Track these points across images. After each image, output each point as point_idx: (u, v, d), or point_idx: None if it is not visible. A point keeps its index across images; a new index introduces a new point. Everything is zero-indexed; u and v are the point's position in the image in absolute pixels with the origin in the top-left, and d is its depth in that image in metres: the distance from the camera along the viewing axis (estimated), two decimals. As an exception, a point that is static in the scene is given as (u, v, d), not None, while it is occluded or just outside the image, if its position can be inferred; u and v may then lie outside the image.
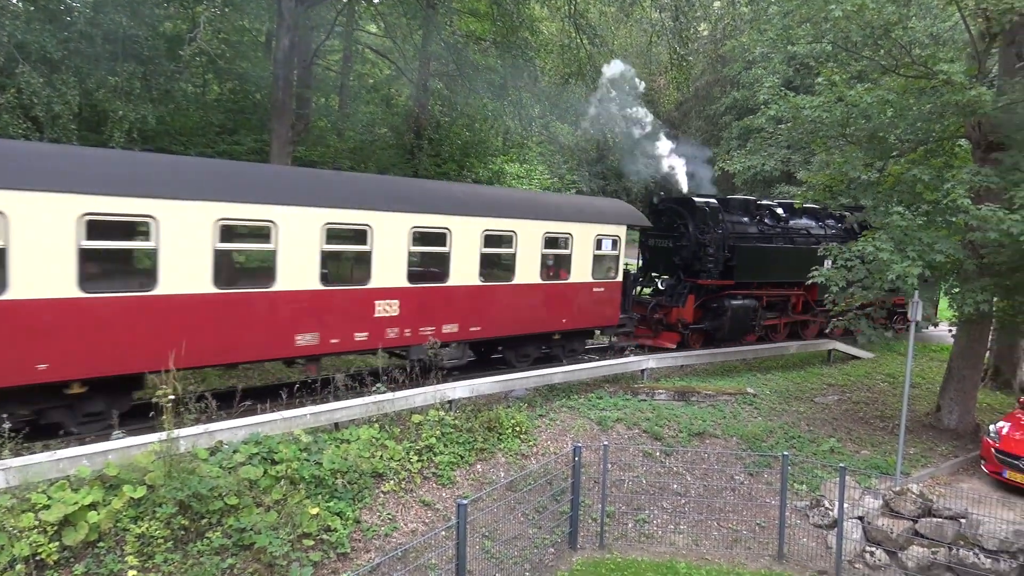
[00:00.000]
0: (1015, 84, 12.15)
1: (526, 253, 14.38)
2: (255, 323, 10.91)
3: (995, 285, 12.44)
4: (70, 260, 9.02)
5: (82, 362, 9.31)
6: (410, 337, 12.84)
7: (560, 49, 23.59)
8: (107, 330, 9.44)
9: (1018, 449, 11.75)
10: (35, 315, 8.85)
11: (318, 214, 11.29)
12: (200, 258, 10.16)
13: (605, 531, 11.30)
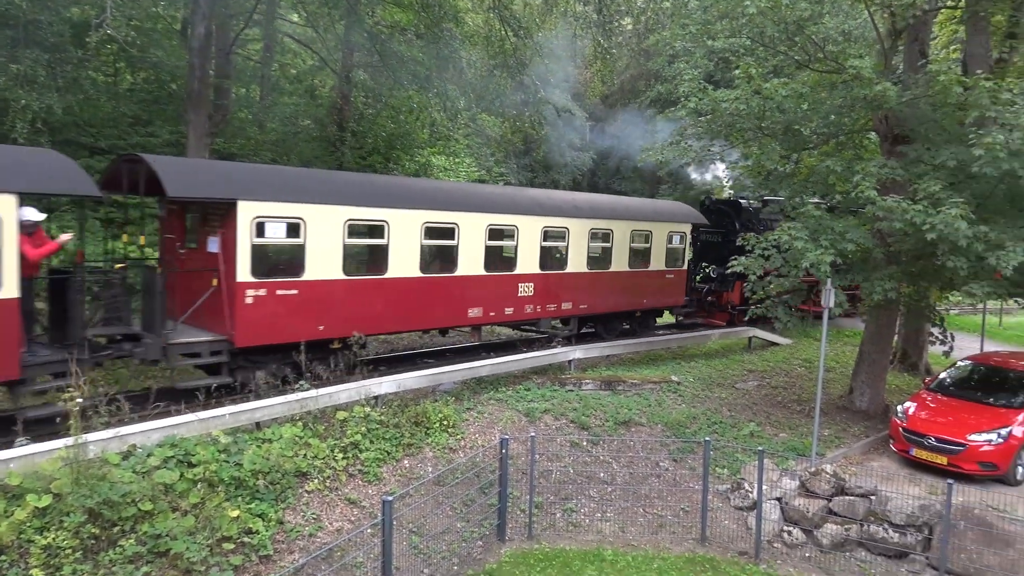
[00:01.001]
0: (918, 80, 12.71)
1: (620, 247, 18.04)
2: (445, 299, 14.64)
3: (901, 272, 13.00)
4: (338, 252, 12.65)
5: (343, 326, 12.81)
6: (540, 312, 16.43)
7: (485, 41, 23.48)
8: (360, 303, 13.17)
9: (923, 428, 12.33)
10: (320, 293, 12.53)
11: (486, 218, 15.09)
12: (412, 251, 13.81)
13: (533, 522, 11.36)
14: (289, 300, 12.12)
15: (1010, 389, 12.88)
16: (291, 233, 12.05)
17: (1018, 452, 11.81)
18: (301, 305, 12.28)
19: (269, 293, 11.85)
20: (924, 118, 12.79)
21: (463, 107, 24.83)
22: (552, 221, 16.44)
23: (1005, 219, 11.46)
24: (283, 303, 12.06)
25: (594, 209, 17.66)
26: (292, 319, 12.15)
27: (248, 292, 11.59)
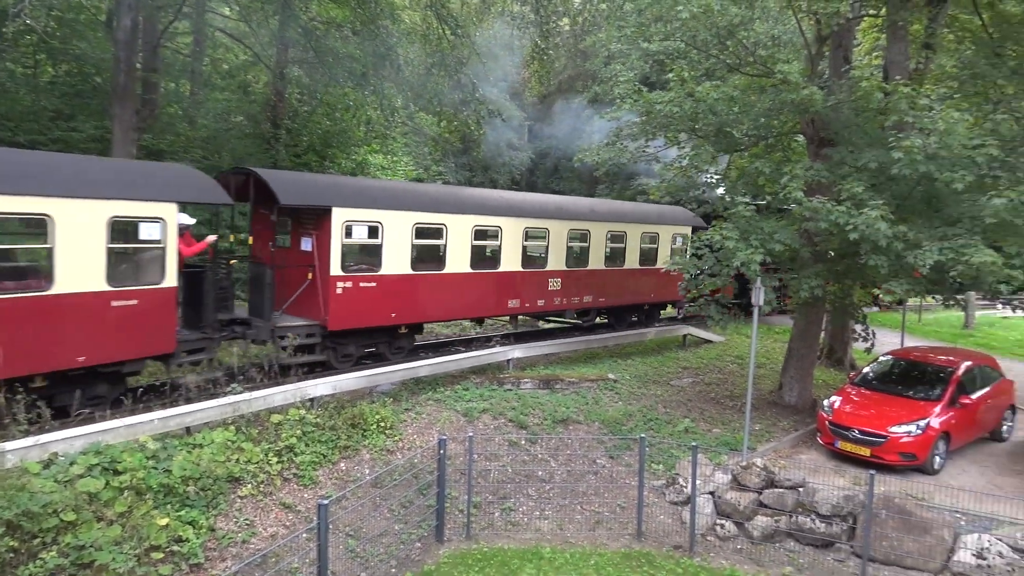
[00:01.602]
0: (842, 85, 13.16)
1: (632, 247, 19.90)
2: (490, 291, 16.64)
3: (827, 271, 13.45)
4: (407, 251, 14.75)
5: (410, 313, 15.06)
6: (566, 304, 18.42)
7: (422, 39, 23.33)
8: (423, 294, 15.17)
9: (848, 421, 12.78)
10: (393, 285, 14.57)
11: (523, 222, 17.19)
12: (464, 250, 15.93)
13: (472, 522, 11.36)
14: (369, 291, 14.33)
15: (928, 382, 13.46)
16: (371, 235, 14.25)
17: (935, 442, 12.35)
18: (379, 295, 14.49)
19: (354, 285, 14.03)
20: (848, 122, 13.25)
21: (400, 105, 24.63)
22: (576, 225, 18.44)
23: (922, 219, 11.98)
24: (365, 293, 14.25)
25: (611, 214, 19.64)
26: (371, 307, 14.42)
27: (339, 284, 13.79)
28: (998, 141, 11.44)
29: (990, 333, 26.34)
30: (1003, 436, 14.54)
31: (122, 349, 10.98)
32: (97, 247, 10.43)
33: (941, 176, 10.91)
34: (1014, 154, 11.96)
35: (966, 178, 10.74)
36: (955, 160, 11.03)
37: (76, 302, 10.24)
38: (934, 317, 28.01)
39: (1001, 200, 10.55)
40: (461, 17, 23.16)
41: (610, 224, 19.24)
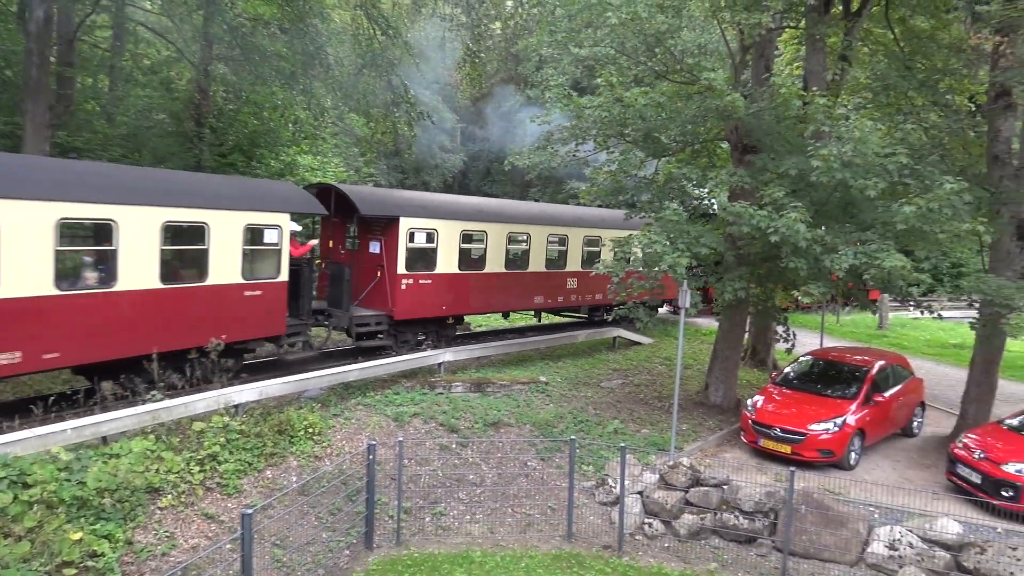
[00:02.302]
0: (763, 93, 13.56)
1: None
2: (520, 289, 19.08)
3: (750, 274, 13.84)
4: (456, 253, 17.28)
5: (457, 307, 17.68)
6: (581, 301, 20.45)
7: (353, 38, 23.01)
8: (468, 290, 17.68)
9: (770, 420, 13.16)
10: (445, 282, 17.16)
11: (548, 229, 19.69)
12: (501, 253, 18.58)
13: (402, 527, 11.27)
14: (426, 287, 16.84)
15: (844, 381, 13.98)
16: (428, 240, 16.78)
17: (851, 439, 12.83)
18: (433, 291, 17.00)
19: (415, 282, 16.53)
20: (769, 129, 13.67)
21: (330, 105, 24.24)
22: (591, 232, 21.08)
23: (838, 224, 12.45)
24: (423, 289, 16.76)
25: (619, 222, 20.53)
26: (428, 301, 16.98)
27: (403, 281, 16.31)
28: (907, 150, 11.98)
29: (902, 333, 27.59)
30: (914, 432, 15.22)
31: (251, 330, 13.69)
32: (236, 248, 13.09)
33: (855, 183, 11.37)
34: (922, 163, 12.55)
35: (878, 185, 11.22)
36: (868, 168, 11.50)
37: (222, 292, 12.93)
38: (851, 319, 29.17)
39: (911, 208, 11.05)
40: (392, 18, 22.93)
41: (618, 231, 19.69)
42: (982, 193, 13.25)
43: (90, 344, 11.06)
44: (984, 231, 11.48)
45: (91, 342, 11.05)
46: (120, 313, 11.37)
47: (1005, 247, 13.51)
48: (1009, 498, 10.94)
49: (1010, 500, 10.91)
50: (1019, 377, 21.23)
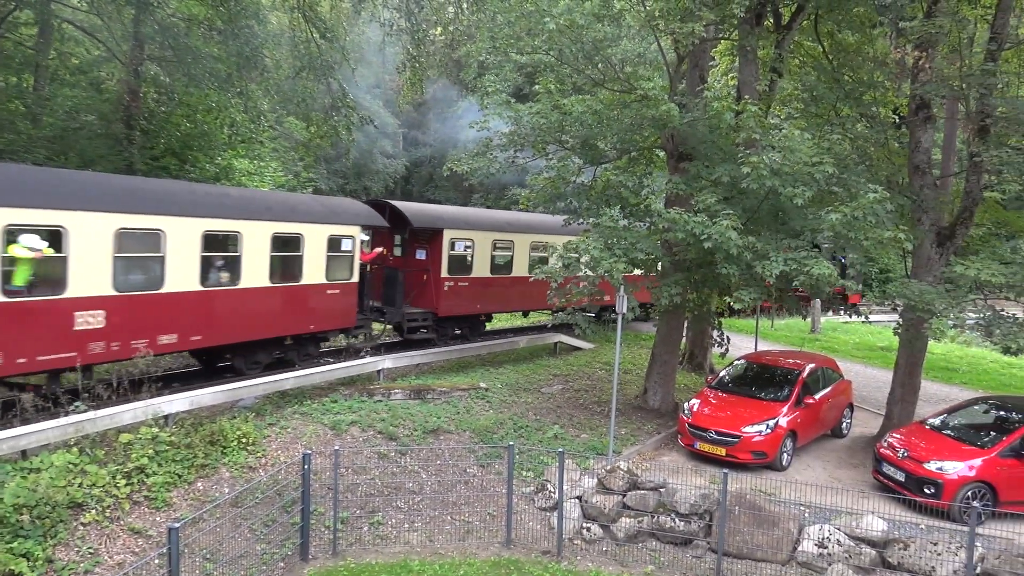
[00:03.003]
0: (697, 103, 13.84)
1: None
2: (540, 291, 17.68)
3: (686, 280, 14.08)
4: (488, 260, 20.11)
5: (487, 306, 20.52)
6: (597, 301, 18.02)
7: (291, 41, 22.66)
8: (497, 292, 20.17)
9: (706, 423, 13.40)
10: (479, 284, 19.87)
11: (562, 238, 19.46)
12: (524, 259, 21.14)
13: (339, 538, 11.09)
14: (464, 289, 19.53)
15: (777, 384, 14.33)
16: (466, 248, 19.56)
17: (783, 440, 13.15)
18: (470, 292, 19.67)
19: (455, 284, 19.26)
20: (703, 138, 13.95)
21: (268, 108, 23.80)
22: None
23: (769, 231, 12.76)
24: (461, 290, 19.46)
25: None
26: (466, 301, 19.71)
27: (446, 283, 19.04)
28: (834, 159, 12.38)
29: (833, 337, 28.41)
30: (843, 432, 15.69)
31: (331, 322, 16.30)
32: (321, 255, 15.73)
33: (784, 191, 11.68)
34: (848, 172, 12.98)
35: (806, 194, 11.55)
36: (797, 176, 11.83)
37: (311, 290, 15.59)
38: (785, 323, 29.92)
39: (837, 215, 11.41)
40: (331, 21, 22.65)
41: None
42: (904, 201, 13.78)
43: (222, 330, 13.87)
44: (905, 238, 11.91)
45: (223, 328, 13.88)
46: (243, 306, 14.17)
47: (926, 254, 14.06)
48: (931, 495, 11.37)
49: (932, 497, 11.33)
50: (941, 378, 22.10)
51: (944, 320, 11.77)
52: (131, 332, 12.11)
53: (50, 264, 11.05)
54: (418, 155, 49.25)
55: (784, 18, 16.91)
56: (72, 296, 11.25)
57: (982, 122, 13.41)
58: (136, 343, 12.18)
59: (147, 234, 12.34)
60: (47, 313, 11.00)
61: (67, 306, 11.20)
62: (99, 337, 11.63)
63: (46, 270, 11.08)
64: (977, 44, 15.86)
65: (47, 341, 10.99)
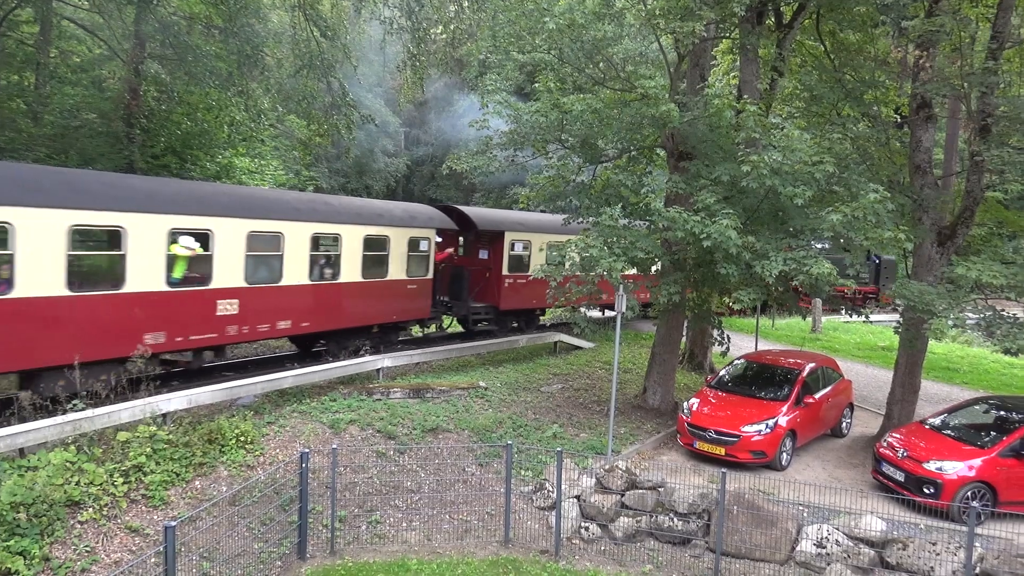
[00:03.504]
0: (698, 102, 13.81)
1: None
2: None
3: (685, 279, 14.05)
4: (542, 259, 20.47)
5: (539, 302, 21.59)
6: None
7: (291, 40, 22.65)
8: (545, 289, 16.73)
9: (705, 422, 13.38)
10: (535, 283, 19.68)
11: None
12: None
13: (337, 536, 11.07)
14: (521, 286, 21.28)
15: (777, 383, 14.30)
16: (524, 248, 21.62)
17: (783, 440, 13.13)
18: (526, 289, 21.26)
19: (514, 281, 21.10)
20: (704, 137, 13.93)
21: (268, 107, 23.80)
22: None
23: (769, 231, 12.73)
24: (520, 287, 21.22)
25: None
26: (522, 296, 21.50)
27: (506, 280, 20.98)
28: (834, 159, 12.34)
29: (834, 336, 28.39)
30: (843, 432, 15.66)
31: (410, 314, 18.51)
32: (403, 254, 17.81)
33: (784, 191, 11.64)
34: (849, 171, 12.94)
35: (806, 193, 11.52)
36: (797, 176, 11.80)
37: (395, 284, 17.63)
38: (786, 322, 29.89)
39: (837, 215, 11.38)
40: (331, 19, 22.65)
41: None
42: (905, 201, 13.74)
43: (325, 318, 16.06)
44: (905, 238, 11.88)
45: (326, 317, 16.07)
46: (341, 297, 16.36)
47: (926, 253, 14.02)
48: (930, 495, 11.34)
49: (931, 497, 11.31)
50: (941, 378, 22.07)
51: (944, 320, 11.73)
52: (257, 317, 14.56)
53: (200, 261, 13.39)
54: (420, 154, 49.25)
55: (785, 17, 16.87)
56: (215, 287, 13.62)
57: (983, 121, 13.36)
58: (260, 327, 14.66)
59: (270, 236, 14.73)
60: (197, 301, 13.36)
61: (211, 295, 13.58)
62: (234, 321, 14.03)
63: (196, 266, 13.38)
64: (978, 43, 15.82)
65: (197, 323, 13.36)
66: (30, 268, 10.75)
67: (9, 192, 10.60)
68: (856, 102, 15.42)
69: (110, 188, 12.27)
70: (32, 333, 10.90)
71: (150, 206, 12.47)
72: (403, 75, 24.68)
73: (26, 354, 10.92)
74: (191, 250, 13.03)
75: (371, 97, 41.26)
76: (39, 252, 10.86)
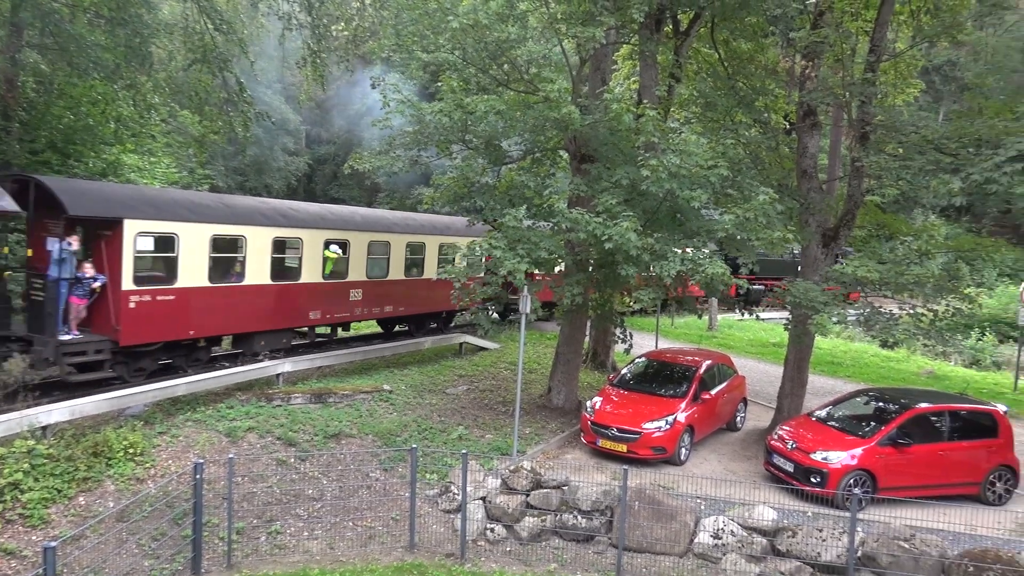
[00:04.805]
0: (599, 106, 14.03)
1: None
2: None
3: (588, 279, 14.27)
4: None
5: None
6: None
7: (184, 32, 21.66)
8: None
9: (608, 420, 13.62)
10: None
11: None
12: None
13: (234, 549, 10.68)
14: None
15: (676, 381, 14.72)
16: None
17: (681, 435, 13.52)
18: None
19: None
20: (605, 140, 14.16)
21: (159, 102, 22.69)
22: None
23: (667, 233, 13.08)
24: None
25: None
26: None
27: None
28: (728, 163, 12.81)
29: (729, 334, 29.52)
30: (737, 426, 16.28)
31: (441, 306, 21.44)
32: (435, 257, 21.37)
33: (682, 193, 12.00)
34: (742, 175, 13.47)
35: (702, 196, 11.90)
36: (694, 179, 12.18)
37: (431, 283, 20.89)
38: (684, 321, 30.84)
39: (730, 217, 11.81)
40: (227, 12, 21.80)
41: None
42: (793, 204, 14.41)
43: (414, 304, 20.79)
44: (793, 239, 12.45)
45: (414, 304, 20.79)
46: (423, 290, 20.92)
47: (813, 254, 14.75)
48: (817, 484, 11.92)
49: (818, 485, 11.89)
50: (827, 372, 23.29)
51: (827, 316, 12.37)
52: (373, 303, 19.30)
53: (340, 262, 18.09)
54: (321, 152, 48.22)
55: (682, 25, 17.40)
56: (349, 280, 18.47)
57: (863, 129, 14.18)
58: (375, 310, 19.51)
59: (383, 244, 19.69)
60: (339, 290, 18.18)
61: (347, 286, 18.42)
62: (359, 305, 18.83)
63: (338, 266, 18.04)
64: (859, 55, 16.79)
65: (339, 306, 18.22)
66: (253, 267, 15.86)
67: (243, 216, 15.94)
68: (748, 109, 16.06)
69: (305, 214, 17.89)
70: (253, 307, 15.95)
71: (321, 224, 17.84)
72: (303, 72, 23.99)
73: (254, 321, 16.05)
74: (337, 253, 17.85)
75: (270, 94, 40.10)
76: (258, 257, 15.98)
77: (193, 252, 14.38)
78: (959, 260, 16.74)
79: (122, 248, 13.21)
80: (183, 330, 14.45)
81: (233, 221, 15.42)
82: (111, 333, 13.29)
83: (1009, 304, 32.42)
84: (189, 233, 14.30)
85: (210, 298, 14.82)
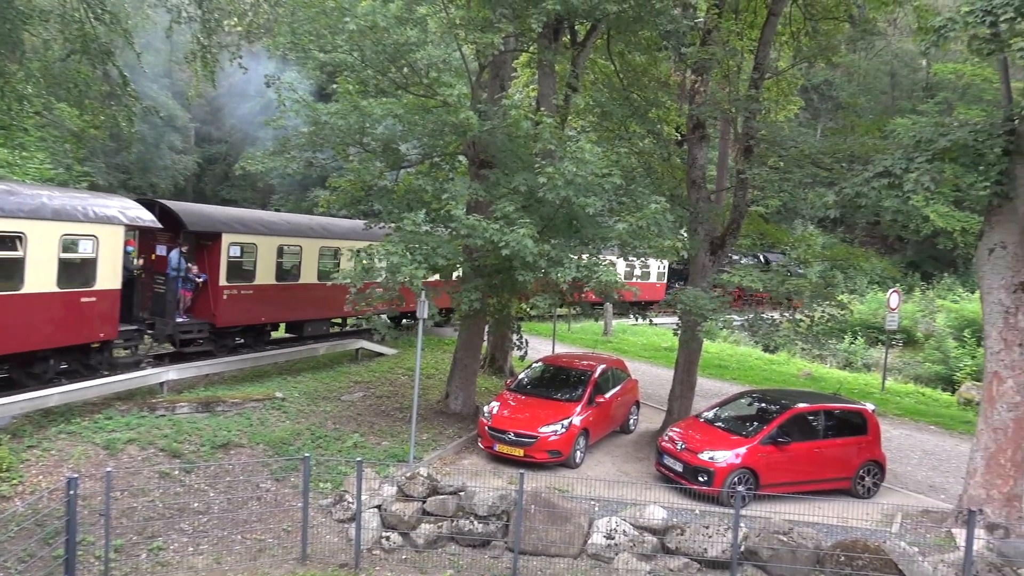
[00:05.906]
0: (497, 112, 14.14)
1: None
2: None
3: (485, 285, 14.32)
4: None
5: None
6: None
7: (60, 20, 20.36)
8: None
9: (505, 424, 13.71)
10: None
11: None
12: None
13: (112, 568, 10.06)
14: None
15: (571, 385, 14.99)
16: None
17: (577, 439, 13.77)
18: None
19: None
20: (503, 146, 14.29)
21: (32, 92, 21.26)
22: None
23: (564, 239, 13.31)
24: None
25: None
26: None
27: None
28: (622, 172, 13.18)
29: (623, 339, 30.32)
30: (630, 428, 16.73)
31: None
32: None
33: (578, 201, 12.24)
34: (635, 184, 13.88)
35: (596, 203, 12.18)
36: (589, 187, 12.45)
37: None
38: (581, 326, 31.46)
39: (623, 224, 12.15)
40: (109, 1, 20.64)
41: None
42: (683, 213, 14.95)
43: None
44: (682, 246, 12.92)
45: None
46: None
47: (701, 261, 15.36)
48: (704, 482, 12.40)
49: (705, 484, 12.37)
50: (715, 375, 24.28)
51: (714, 322, 12.89)
52: None
53: None
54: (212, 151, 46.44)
55: (580, 35, 17.76)
56: None
57: (747, 143, 14.88)
58: None
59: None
60: None
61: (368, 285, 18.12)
62: None
63: None
64: (744, 73, 17.62)
65: None
66: (306, 269, 19.16)
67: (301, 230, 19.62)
68: (642, 119, 16.59)
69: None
70: (306, 300, 19.25)
71: (352, 236, 20.42)
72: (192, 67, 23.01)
73: (306, 311, 19.56)
74: None
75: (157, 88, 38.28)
76: (309, 261, 19.21)
77: (266, 258, 18.19)
78: (834, 268, 17.83)
79: (220, 254, 16.96)
80: (258, 317, 18.25)
81: (294, 234, 19.20)
82: (210, 317, 17.00)
83: (878, 310, 34.68)
84: (264, 243, 18.12)
85: (277, 293, 18.56)
